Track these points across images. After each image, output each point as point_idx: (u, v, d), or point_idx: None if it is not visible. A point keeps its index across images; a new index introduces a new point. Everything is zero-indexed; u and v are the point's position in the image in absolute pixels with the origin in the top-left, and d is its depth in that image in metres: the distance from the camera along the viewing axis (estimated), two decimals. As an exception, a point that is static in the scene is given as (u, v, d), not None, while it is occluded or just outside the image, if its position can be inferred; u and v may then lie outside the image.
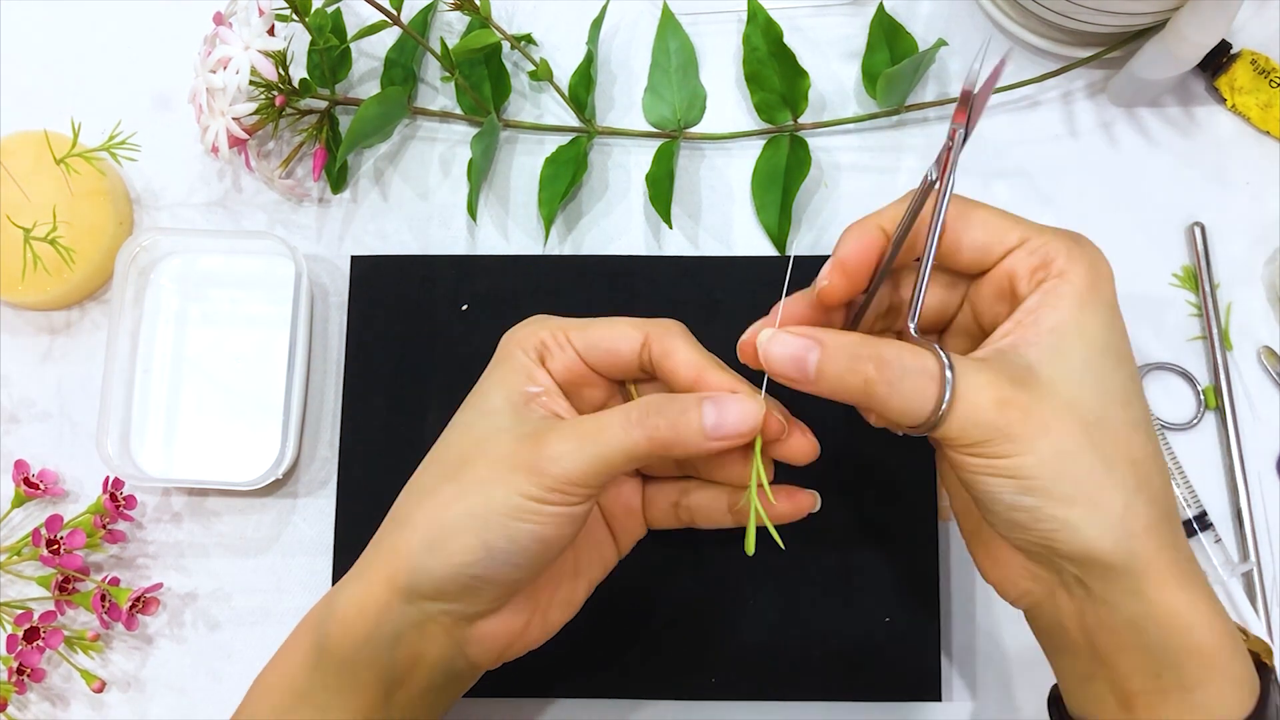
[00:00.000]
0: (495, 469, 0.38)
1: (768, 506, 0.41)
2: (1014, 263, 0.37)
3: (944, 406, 0.34)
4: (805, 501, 0.43)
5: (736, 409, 0.38)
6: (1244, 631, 0.42)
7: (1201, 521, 0.51)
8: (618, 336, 0.41)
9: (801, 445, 0.41)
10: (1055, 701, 0.41)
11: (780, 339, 0.37)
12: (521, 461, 0.38)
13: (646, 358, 0.41)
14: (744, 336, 0.39)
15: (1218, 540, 0.51)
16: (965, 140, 0.37)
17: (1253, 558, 0.52)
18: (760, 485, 0.40)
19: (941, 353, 0.35)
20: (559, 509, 0.38)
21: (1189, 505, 0.51)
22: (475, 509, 0.38)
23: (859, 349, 0.36)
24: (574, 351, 0.42)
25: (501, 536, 0.38)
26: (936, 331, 0.42)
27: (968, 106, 0.36)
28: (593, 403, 0.43)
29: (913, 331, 0.37)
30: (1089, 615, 0.36)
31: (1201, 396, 0.54)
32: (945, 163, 0.37)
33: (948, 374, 0.34)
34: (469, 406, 0.41)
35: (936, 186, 0.37)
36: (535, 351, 0.41)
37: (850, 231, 0.39)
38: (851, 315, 0.41)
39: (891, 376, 0.35)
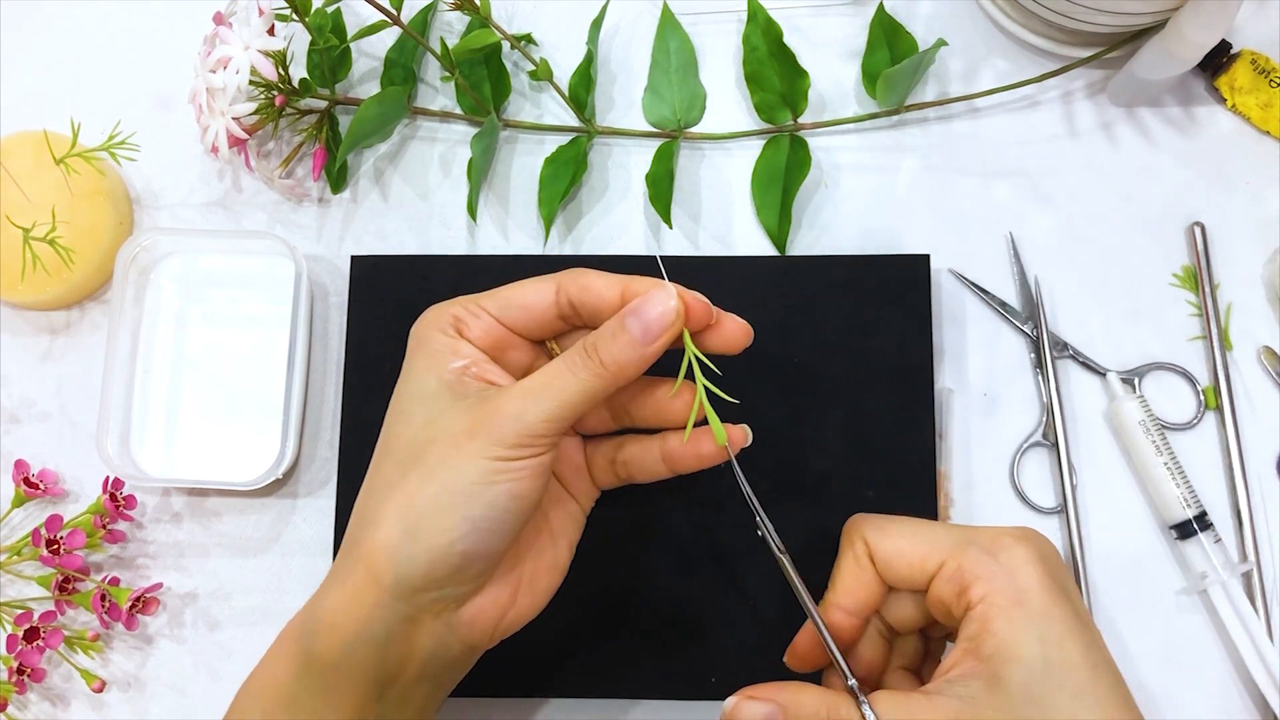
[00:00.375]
0: (455, 443, 0.39)
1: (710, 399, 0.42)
2: (939, 590, 0.40)
3: None
4: (734, 330, 0.42)
5: (653, 306, 0.39)
6: None
7: (1201, 521, 0.51)
8: (529, 290, 0.42)
9: (733, 328, 0.41)
10: None
11: (745, 707, 0.40)
12: (480, 428, 0.38)
13: (564, 302, 0.42)
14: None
15: (1218, 540, 0.51)
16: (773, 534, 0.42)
17: (1252, 558, 0.52)
18: (699, 375, 0.41)
19: (870, 715, 0.38)
20: (527, 461, 0.38)
21: (1189, 505, 0.51)
22: (448, 486, 0.38)
23: (818, 713, 0.39)
24: (489, 317, 0.42)
25: (479, 504, 0.38)
26: (922, 630, 0.44)
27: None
28: (520, 365, 0.43)
29: (852, 686, 0.39)
30: None
31: (1201, 396, 0.54)
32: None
33: None
34: (401, 397, 0.42)
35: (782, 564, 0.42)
36: (451, 327, 0.41)
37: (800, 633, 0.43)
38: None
39: None
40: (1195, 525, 0.51)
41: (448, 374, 0.41)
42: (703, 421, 0.42)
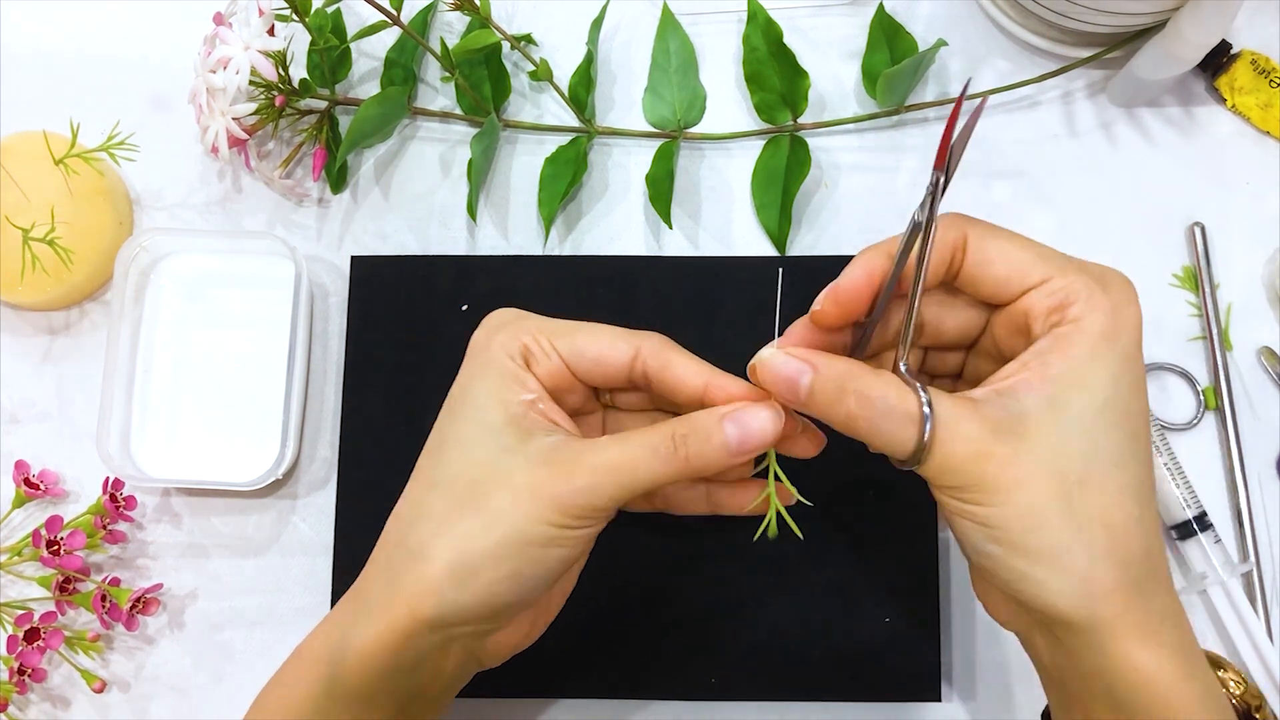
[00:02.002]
0: (519, 500, 0.38)
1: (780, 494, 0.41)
2: (1031, 302, 0.37)
3: (921, 450, 0.35)
4: (810, 446, 0.42)
5: (757, 423, 0.38)
6: (1243, 680, 0.42)
7: (1201, 521, 0.51)
8: (606, 348, 0.41)
9: (810, 442, 0.41)
10: (1046, 716, 0.42)
11: (778, 358, 0.37)
12: (548, 493, 0.37)
13: (639, 370, 0.41)
14: (752, 360, 0.39)
15: (1217, 540, 0.51)
16: (946, 186, 0.36)
17: (1252, 558, 0.52)
18: (777, 478, 0.40)
19: (924, 396, 0.35)
20: (585, 531, 0.38)
21: (1188, 505, 0.51)
22: (506, 542, 0.37)
23: (847, 381, 0.36)
24: (559, 358, 0.41)
25: (531, 564, 0.38)
26: (963, 348, 0.42)
27: (947, 154, 0.36)
28: (574, 408, 0.43)
29: (902, 369, 0.37)
30: (1059, 659, 0.37)
31: (1201, 397, 0.54)
32: (930, 208, 0.36)
33: (926, 420, 0.35)
34: (461, 417, 0.40)
35: (923, 230, 0.37)
36: (520, 357, 0.40)
37: (858, 257, 0.39)
38: (859, 338, 0.40)
39: (873, 414, 0.36)
40: (1195, 525, 0.51)
41: (515, 407, 0.39)
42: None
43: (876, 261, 0.38)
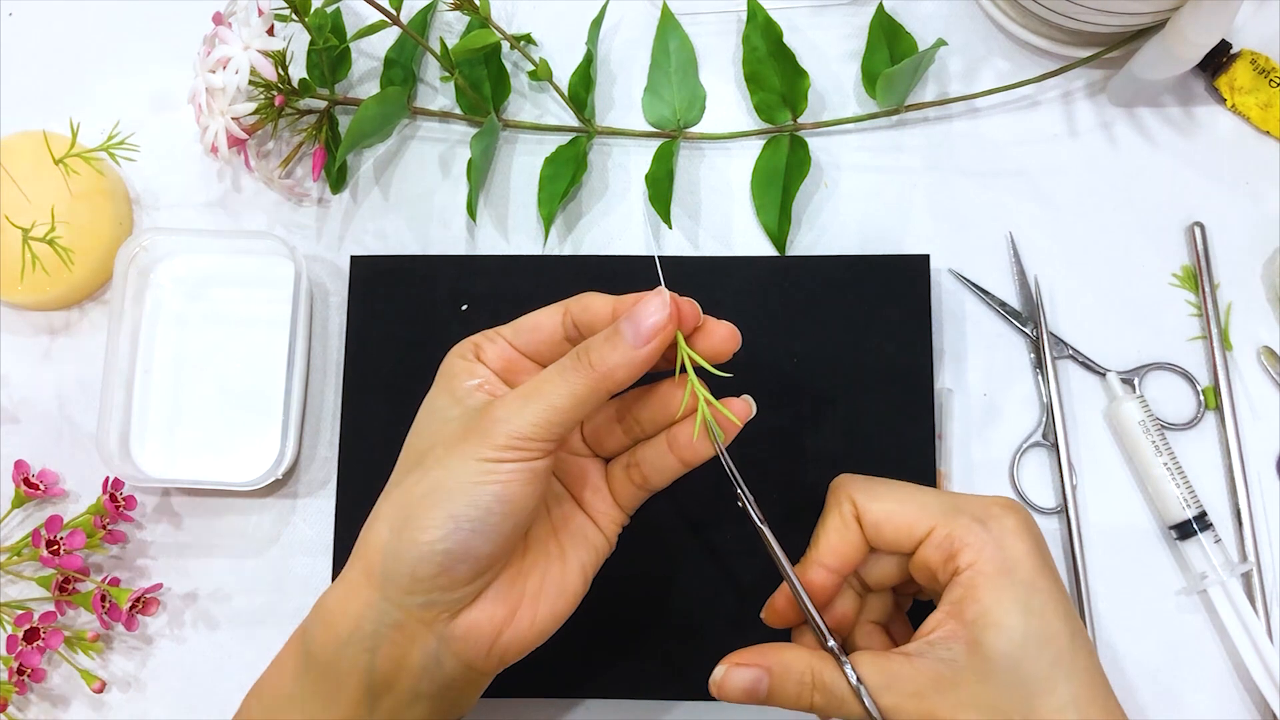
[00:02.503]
0: (449, 446, 0.40)
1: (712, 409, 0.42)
2: (926, 555, 0.41)
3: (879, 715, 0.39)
4: (722, 334, 0.43)
5: (646, 308, 0.40)
6: None
7: (1201, 521, 0.51)
8: (540, 315, 0.43)
9: (722, 331, 0.42)
10: None
11: (733, 674, 0.42)
12: (472, 431, 0.39)
13: (569, 324, 0.43)
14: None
15: (1218, 540, 0.51)
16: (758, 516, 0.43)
17: (1252, 558, 0.52)
18: (692, 374, 0.42)
19: (852, 677, 0.39)
20: (515, 465, 0.39)
21: (1188, 505, 0.51)
22: (437, 484, 0.39)
23: (803, 676, 0.41)
24: (504, 341, 0.43)
25: (464, 503, 0.38)
26: (905, 580, 0.44)
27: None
28: None
29: (833, 647, 0.41)
30: None
31: (1201, 396, 0.54)
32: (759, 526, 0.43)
33: (861, 694, 0.39)
34: (419, 416, 0.43)
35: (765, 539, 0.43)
36: (471, 353, 0.43)
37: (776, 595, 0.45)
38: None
39: (834, 704, 0.40)
40: (1195, 525, 0.51)
41: (460, 390, 0.42)
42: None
43: (779, 603, 0.44)
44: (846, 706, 0.40)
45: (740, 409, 0.43)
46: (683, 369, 0.41)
